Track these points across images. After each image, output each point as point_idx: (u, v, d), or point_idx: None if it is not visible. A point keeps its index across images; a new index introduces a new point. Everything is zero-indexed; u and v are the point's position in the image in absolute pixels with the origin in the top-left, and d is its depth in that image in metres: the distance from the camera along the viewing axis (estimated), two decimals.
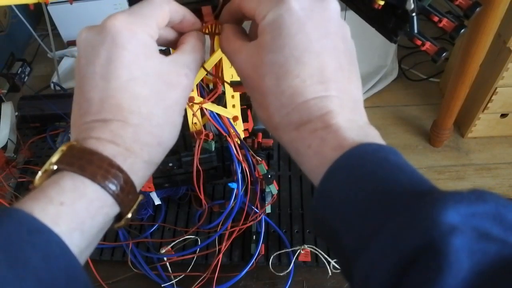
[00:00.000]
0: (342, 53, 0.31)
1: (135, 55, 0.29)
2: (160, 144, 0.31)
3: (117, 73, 0.29)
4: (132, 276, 0.69)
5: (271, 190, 0.66)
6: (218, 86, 0.58)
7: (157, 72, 0.31)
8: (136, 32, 0.30)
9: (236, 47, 0.33)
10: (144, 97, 0.29)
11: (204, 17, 0.40)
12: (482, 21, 1.14)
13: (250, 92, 0.33)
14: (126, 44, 0.29)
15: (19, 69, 1.21)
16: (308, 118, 0.29)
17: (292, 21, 0.30)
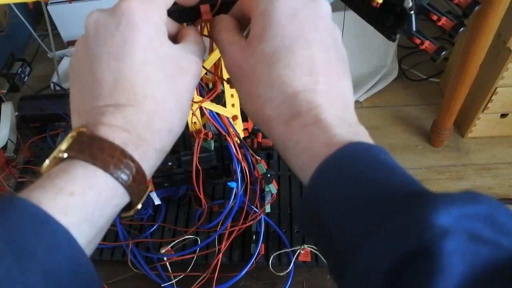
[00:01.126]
0: (332, 49, 0.31)
1: (149, 37, 0.29)
2: (171, 130, 0.30)
3: (132, 55, 0.28)
4: (132, 276, 0.69)
5: (271, 189, 0.66)
6: (218, 85, 0.58)
7: (170, 56, 0.30)
8: (150, 14, 0.30)
9: (230, 39, 0.33)
10: (158, 80, 0.29)
11: (202, 15, 0.40)
12: (482, 21, 1.14)
13: (239, 85, 0.33)
14: (141, 26, 0.29)
15: (19, 69, 1.21)
16: (297, 112, 0.29)
17: (284, 11, 0.30)
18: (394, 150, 1.56)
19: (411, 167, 1.51)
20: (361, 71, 1.74)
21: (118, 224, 0.71)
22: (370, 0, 0.39)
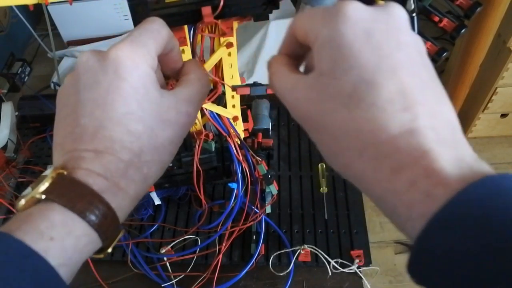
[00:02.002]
0: (422, 67, 0.25)
1: (135, 88, 0.29)
2: (146, 180, 0.30)
3: (114, 105, 0.28)
4: (132, 276, 0.69)
5: (271, 190, 0.67)
6: (218, 86, 0.58)
7: (155, 108, 0.29)
8: (138, 64, 0.29)
9: (290, 82, 0.28)
10: (138, 133, 0.28)
11: (204, 18, 0.39)
12: (482, 21, 1.14)
13: (314, 134, 0.28)
14: (127, 76, 0.28)
15: (19, 69, 1.21)
16: (400, 164, 0.23)
17: (354, 35, 0.24)
18: None
19: None
20: None
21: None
22: (372, 1, 0.39)
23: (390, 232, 1.35)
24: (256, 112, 0.81)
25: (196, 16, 0.46)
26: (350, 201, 0.77)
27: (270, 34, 1.70)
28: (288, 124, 0.90)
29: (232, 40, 0.51)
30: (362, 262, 0.69)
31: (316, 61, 0.26)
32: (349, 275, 0.68)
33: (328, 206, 0.76)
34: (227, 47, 0.52)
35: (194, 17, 0.46)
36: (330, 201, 0.77)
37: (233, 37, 0.51)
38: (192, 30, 0.51)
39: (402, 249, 1.31)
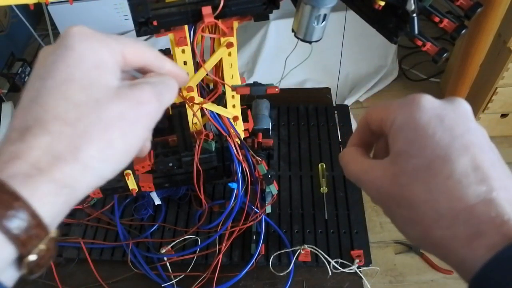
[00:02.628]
0: (489, 149, 0.27)
1: (82, 58, 0.26)
2: (79, 160, 0.24)
3: (54, 72, 0.25)
4: (132, 276, 0.69)
5: (271, 190, 0.67)
6: (218, 86, 0.58)
7: (104, 83, 0.26)
8: (93, 43, 0.26)
9: (366, 165, 0.30)
10: (77, 101, 0.24)
11: (204, 18, 0.39)
12: (482, 21, 1.14)
13: (392, 210, 0.29)
14: (77, 46, 0.26)
15: (19, 69, 1.21)
16: (479, 231, 0.24)
17: (428, 120, 0.27)
18: None
19: None
20: (361, 71, 1.74)
21: (118, 224, 0.71)
22: (372, 2, 0.39)
23: (390, 232, 1.35)
24: (256, 112, 0.81)
25: (196, 16, 0.46)
26: (350, 201, 0.77)
27: (270, 34, 1.70)
28: (288, 124, 0.90)
29: (232, 40, 0.51)
30: (362, 262, 0.69)
31: (392, 143, 0.28)
32: (349, 275, 0.68)
33: (328, 206, 0.76)
34: (227, 47, 0.52)
35: (194, 17, 0.46)
36: (330, 201, 0.77)
37: (233, 37, 0.51)
38: (192, 30, 0.51)
39: (402, 249, 1.31)
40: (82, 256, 0.70)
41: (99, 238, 0.73)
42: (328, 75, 1.64)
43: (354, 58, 1.69)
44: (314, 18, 0.43)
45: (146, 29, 0.46)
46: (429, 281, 1.25)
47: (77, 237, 0.72)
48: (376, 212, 1.39)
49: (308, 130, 0.89)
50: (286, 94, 0.81)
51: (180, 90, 0.56)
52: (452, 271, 1.23)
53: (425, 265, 1.28)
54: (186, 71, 0.32)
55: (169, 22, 0.47)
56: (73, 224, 0.74)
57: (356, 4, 0.44)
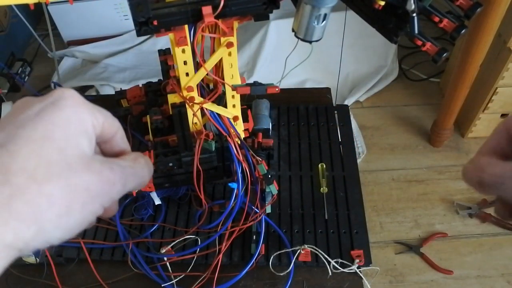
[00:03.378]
0: None
1: (66, 120, 0.25)
2: (37, 222, 0.22)
3: (36, 125, 0.24)
4: (132, 276, 0.69)
5: (271, 190, 0.67)
6: (219, 86, 0.58)
7: (81, 152, 0.25)
8: (82, 110, 0.26)
9: (508, 167, 0.28)
10: (49, 161, 0.23)
11: (204, 18, 0.39)
12: (483, 21, 1.14)
13: None
14: (66, 107, 0.25)
15: (19, 69, 1.21)
16: None
17: None
18: (395, 150, 1.56)
19: (411, 167, 1.51)
20: (361, 71, 1.74)
21: (118, 224, 0.71)
22: (372, 2, 0.39)
23: (390, 232, 1.35)
24: (256, 112, 0.81)
25: (197, 16, 0.46)
26: (350, 201, 0.77)
27: (270, 34, 1.70)
28: (288, 124, 0.90)
29: (233, 40, 0.51)
30: (362, 262, 0.69)
31: None
32: (349, 275, 0.68)
33: (328, 206, 0.76)
34: (228, 47, 0.52)
35: (194, 17, 0.46)
36: (330, 201, 0.77)
37: (233, 36, 0.51)
38: (192, 29, 0.51)
39: (402, 249, 1.30)
40: (82, 256, 0.70)
41: (99, 238, 0.73)
42: (328, 75, 1.64)
43: (354, 58, 1.69)
44: (314, 18, 0.43)
45: (146, 29, 0.46)
46: (429, 281, 1.25)
47: (77, 237, 0.72)
48: (376, 212, 1.39)
49: (308, 130, 0.89)
50: (286, 94, 0.81)
51: (180, 90, 0.56)
52: (452, 271, 1.24)
53: (425, 265, 1.28)
54: (149, 168, 0.31)
55: (169, 22, 0.47)
56: None
57: (356, 4, 0.44)
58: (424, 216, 1.38)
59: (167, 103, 0.61)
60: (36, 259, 0.69)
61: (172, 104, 0.58)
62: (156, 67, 1.63)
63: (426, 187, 1.45)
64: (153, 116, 0.64)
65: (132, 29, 1.65)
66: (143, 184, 0.30)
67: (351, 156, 0.85)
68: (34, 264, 0.70)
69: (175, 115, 0.56)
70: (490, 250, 1.30)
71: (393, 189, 1.45)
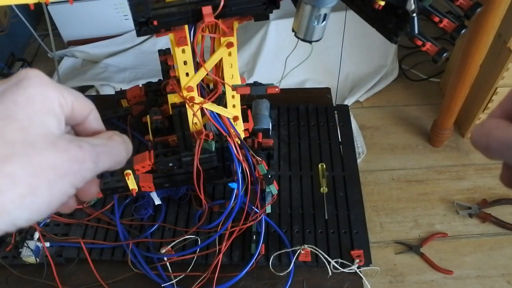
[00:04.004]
0: None
1: (30, 99, 0.24)
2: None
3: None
4: (132, 276, 0.69)
5: (271, 190, 0.67)
6: (219, 86, 0.58)
7: (46, 131, 0.25)
8: (47, 89, 0.26)
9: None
10: (10, 140, 0.23)
11: (204, 18, 0.40)
12: (483, 21, 1.14)
13: None
14: (29, 86, 0.25)
15: (19, 69, 1.21)
16: None
17: None
18: (395, 150, 1.56)
19: (411, 167, 1.51)
20: (361, 71, 1.74)
21: (118, 224, 0.71)
22: (372, 2, 0.39)
23: (390, 232, 1.35)
24: (256, 112, 0.81)
25: (197, 16, 0.46)
26: (350, 201, 0.77)
27: (270, 34, 1.70)
28: (288, 124, 0.90)
29: (233, 40, 0.51)
30: (362, 262, 0.69)
31: None
32: (349, 275, 0.68)
33: (328, 206, 0.76)
34: (228, 47, 0.52)
35: (194, 17, 0.46)
36: (330, 201, 0.77)
37: (233, 37, 0.51)
38: (192, 29, 0.51)
39: (402, 249, 1.30)
40: (82, 256, 0.70)
41: (99, 238, 0.73)
42: (328, 75, 1.64)
43: (354, 58, 1.69)
44: (314, 18, 0.43)
45: (146, 29, 0.46)
46: (429, 281, 1.25)
47: (77, 237, 0.72)
48: (376, 212, 1.39)
49: (308, 130, 0.89)
50: (286, 94, 0.81)
51: (180, 90, 0.56)
52: (452, 271, 1.24)
53: (425, 265, 1.28)
54: (128, 147, 0.30)
55: (169, 22, 0.47)
56: (73, 224, 0.74)
57: (356, 4, 0.44)
58: (424, 216, 1.38)
59: (167, 103, 0.61)
60: (36, 259, 0.69)
61: (172, 104, 0.58)
62: (156, 67, 1.63)
63: (426, 187, 1.45)
64: (153, 116, 0.64)
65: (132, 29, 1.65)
66: (120, 162, 0.29)
67: (351, 156, 0.85)
68: (34, 264, 0.70)
69: (175, 115, 0.56)
70: (490, 250, 1.30)
71: (393, 189, 1.45)
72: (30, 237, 0.71)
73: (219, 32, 0.52)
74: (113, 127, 0.88)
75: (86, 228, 0.74)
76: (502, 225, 1.34)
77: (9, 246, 0.70)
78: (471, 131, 1.54)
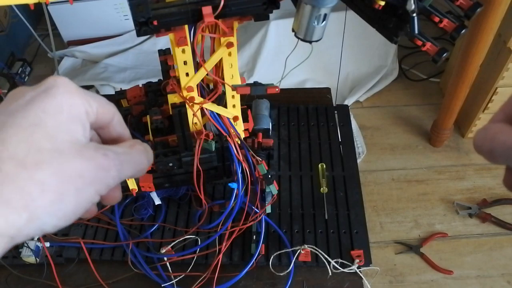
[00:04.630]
0: None
1: (59, 108, 0.25)
2: (28, 209, 0.22)
3: (27, 113, 0.24)
4: (132, 276, 0.69)
5: (271, 190, 0.67)
6: (219, 86, 0.58)
7: (74, 139, 0.25)
8: (75, 97, 0.26)
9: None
10: (41, 148, 0.23)
11: (204, 18, 0.39)
12: (483, 21, 1.14)
13: None
14: (58, 94, 0.25)
15: (19, 69, 1.21)
16: None
17: None
18: (395, 150, 1.56)
19: (411, 167, 1.51)
20: (361, 71, 1.74)
21: (118, 224, 0.71)
22: (372, 2, 0.39)
23: (390, 232, 1.35)
24: (256, 112, 0.81)
25: (197, 16, 0.46)
26: (350, 201, 0.77)
27: (270, 34, 1.70)
28: (288, 124, 0.90)
29: (233, 40, 0.51)
30: (362, 262, 0.69)
31: None
32: (349, 275, 0.68)
33: (328, 206, 0.76)
34: (228, 47, 0.52)
35: (194, 17, 0.46)
36: (330, 201, 0.77)
37: (233, 37, 0.51)
38: (192, 29, 0.51)
39: (402, 249, 1.30)
40: (82, 256, 0.70)
41: (99, 238, 0.73)
42: (328, 75, 1.64)
43: (354, 58, 1.69)
44: (314, 18, 0.43)
45: (146, 29, 0.46)
46: (429, 281, 1.25)
47: (77, 237, 0.72)
48: (376, 212, 1.39)
49: (308, 130, 0.89)
50: (286, 94, 0.81)
51: (180, 89, 0.56)
52: (452, 271, 1.24)
53: (425, 265, 1.28)
54: (150, 153, 0.30)
55: (169, 22, 0.47)
56: (73, 224, 0.74)
57: (356, 4, 0.44)
58: (424, 216, 1.38)
59: (167, 103, 0.61)
60: (36, 259, 0.69)
61: (172, 104, 0.58)
62: (156, 67, 1.63)
63: (426, 187, 1.45)
64: (153, 116, 0.64)
65: (132, 29, 1.65)
66: (141, 171, 0.30)
67: (351, 156, 0.85)
68: (34, 264, 0.70)
69: (175, 115, 0.56)
70: (490, 250, 1.30)
71: (393, 189, 1.45)
72: None
73: (219, 32, 0.52)
74: None
75: (86, 228, 0.74)
76: (502, 225, 1.34)
77: None
78: (473, 133, 1.54)
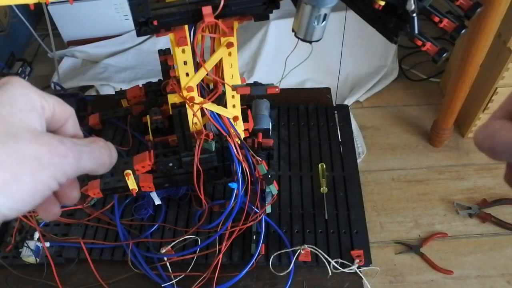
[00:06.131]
0: None
1: (13, 98, 0.26)
2: None
3: None
4: (132, 276, 0.69)
5: (271, 190, 0.67)
6: (218, 86, 0.58)
7: (29, 126, 0.25)
8: (30, 91, 0.27)
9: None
10: None
11: (204, 18, 0.39)
12: (483, 21, 1.14)
13: None
14: (12, 89, 0.26)
15: (19, 69, 1.21)
16: None
17: None
18: (395, 150, 1.56)
19: (411, 167, 1.51)
20: (361, 71, 1.74)
21: (118, 224, 0.71)
22: (372, 2, 0.39)
23: (390, 232, 1.35)
24: (256, 112, 0.81)
25: (197, 16, 0.46)
26: (350, 201, 0.77)
27: (270, 34, 1.70)
28: (288, 124, 0.90)
29: (233, 40, 0.51)
30: (362, 262, 0.69)
31: None
32: (349, 275, 0.68)
33: (328, 206, 0.76)
34: (228, 47, 0.52)
35: (194, 17, 0.46)
36: (330, 201, 0.77)
37: (233, 37, 0.51)
38: (192, 29, 0.51)
39: (402, 249, 1.31)
40: (82, 256, 0.70)
41: (99, 238, 0.73)
42: (328, 75, 1.64)
43: (354, 58, 1.69)
44: (314, 18, 0.43)
45: (146, 29, 0.46)
46: (429, 281, 1.25)
47: (77, 237, 0.72)
48: (376, 212, 1.39)
49: (308, 130, 0.89)
50: (286, 94, 0.81)
51: (180, 89, 0.56)
52: (452, 271, 1.24)
53: (425, 265, 1.28)
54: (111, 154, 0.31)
55: (169, 22, 0.47)
56: (73, 224, 0.74)
57: (356, 4, 0.44)
58: (424, 216, 1.38)
59: (167, 103, 0.61)
60: (36, 259, 0.69)
61: (172, 104, 0.58)
62: (156, 67, 1.63)
63: (426, 187, 1.45)
64: (153, 116, 0.64)
65: (132, 29, 1.65)
66: (102, 166, 0.30)
67: (351, 156, 0.85)
68: (34, 264, 0.70)
69: (175, 115, 0.56)
70: (490, 250, 1.30)
71: (393, 189, 1.45)
72: (30, 237, 0.71)
73: (219, 32, 0.52)
74: (113, 127, 0.88)
75: (86, 228, 0.74)
76: (502, 225, 1.34)
77: (9, 246, 0.70)
78: (473, 132, 1.54)
